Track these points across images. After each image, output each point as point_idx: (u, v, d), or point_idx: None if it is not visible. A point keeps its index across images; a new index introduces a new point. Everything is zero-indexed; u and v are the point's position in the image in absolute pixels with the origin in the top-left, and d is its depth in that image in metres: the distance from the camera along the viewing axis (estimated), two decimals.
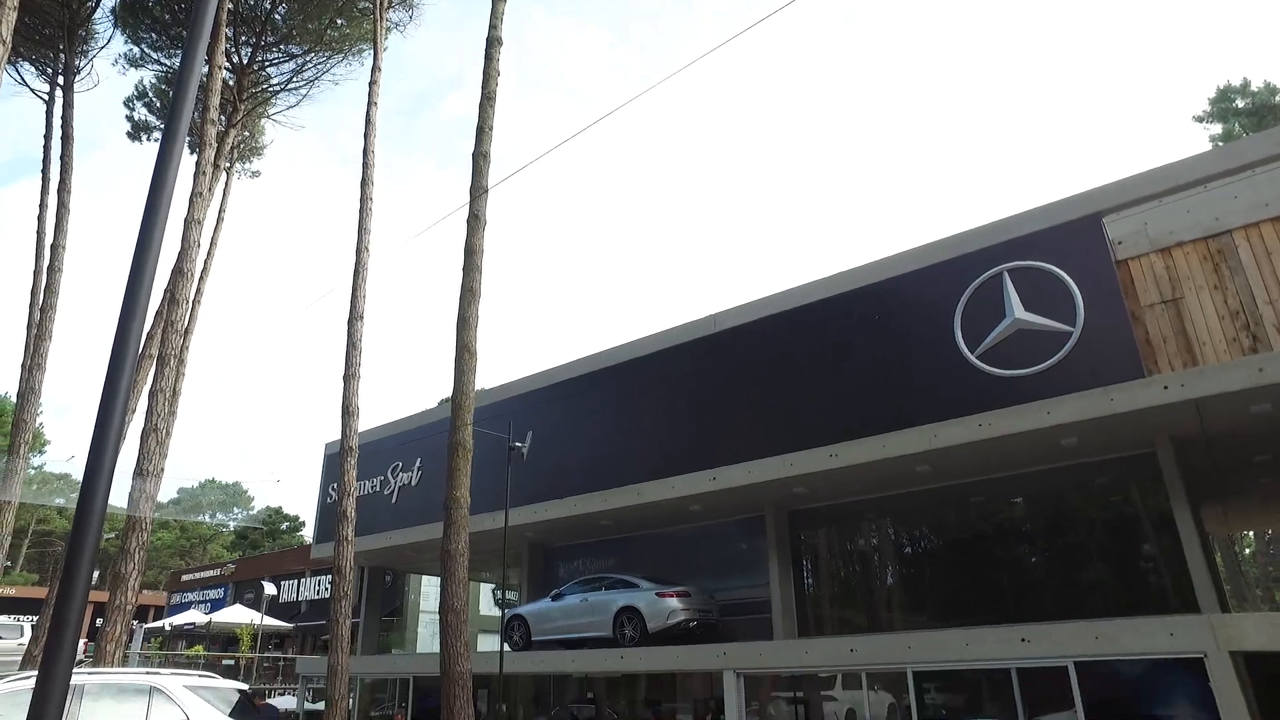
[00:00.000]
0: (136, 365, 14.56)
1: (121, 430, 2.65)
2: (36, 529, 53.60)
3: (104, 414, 2.88)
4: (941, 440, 11.21)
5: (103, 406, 2.86)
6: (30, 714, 2.35)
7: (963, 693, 11.69)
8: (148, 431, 12.58)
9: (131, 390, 15.76)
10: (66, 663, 2.43)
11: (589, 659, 14.53)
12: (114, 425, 2.82)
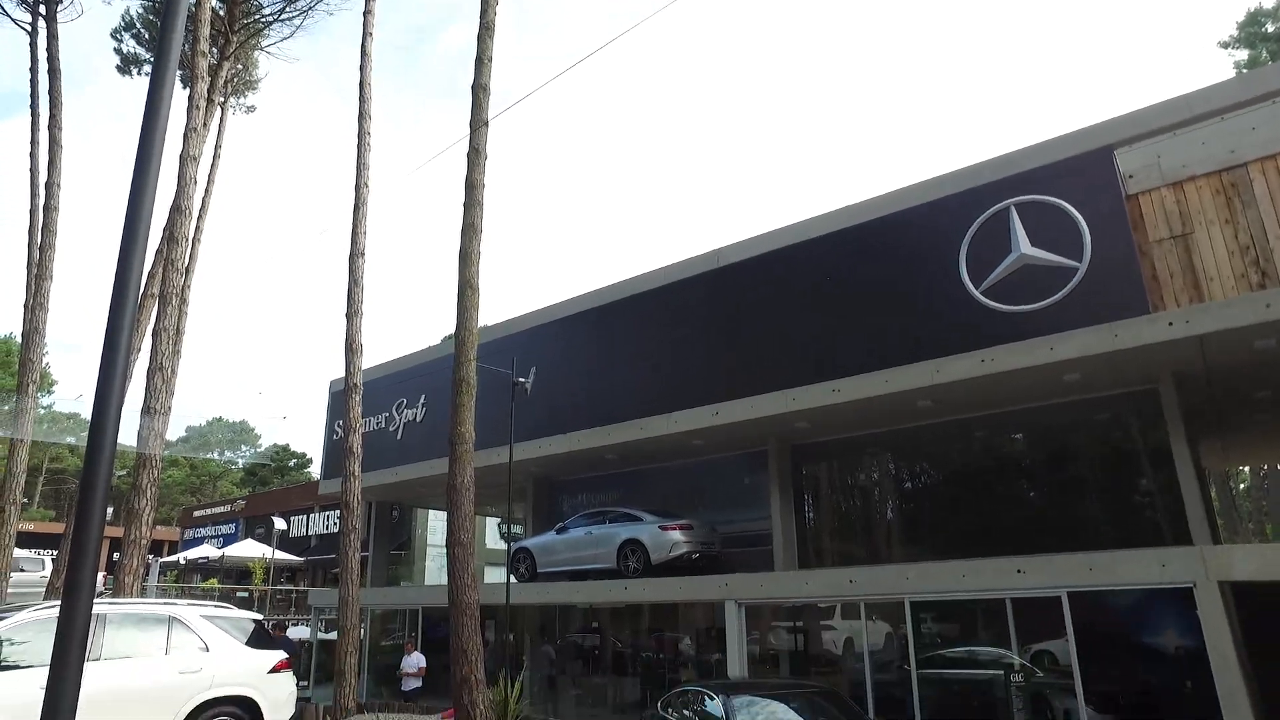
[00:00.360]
0: (139, 305, 14.55)
1: (127, 369, 2.65)
2: (50, 467, 54.44)
3: (108, 353, 2.89)
4: (944, 375, 11.24)
5: (107, 345, 2.86)
6: (57, 640, 2.41)
7: (958, 622, 12.01)
8: (153, 370, 12.65)
9: (135, 330, 15.78)
10: (88, 593, 2.49)
11: (593, 590, 14.89)
12: (118, 364, 2.82)
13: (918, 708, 10.88)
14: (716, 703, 8.08)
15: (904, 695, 11.23)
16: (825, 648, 14.03)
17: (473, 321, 11.31)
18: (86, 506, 2.48)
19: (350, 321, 13.99)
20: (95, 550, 2.50)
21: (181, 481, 58.98)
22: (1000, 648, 10.92)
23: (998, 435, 13.88)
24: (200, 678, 8.39)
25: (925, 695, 11.02)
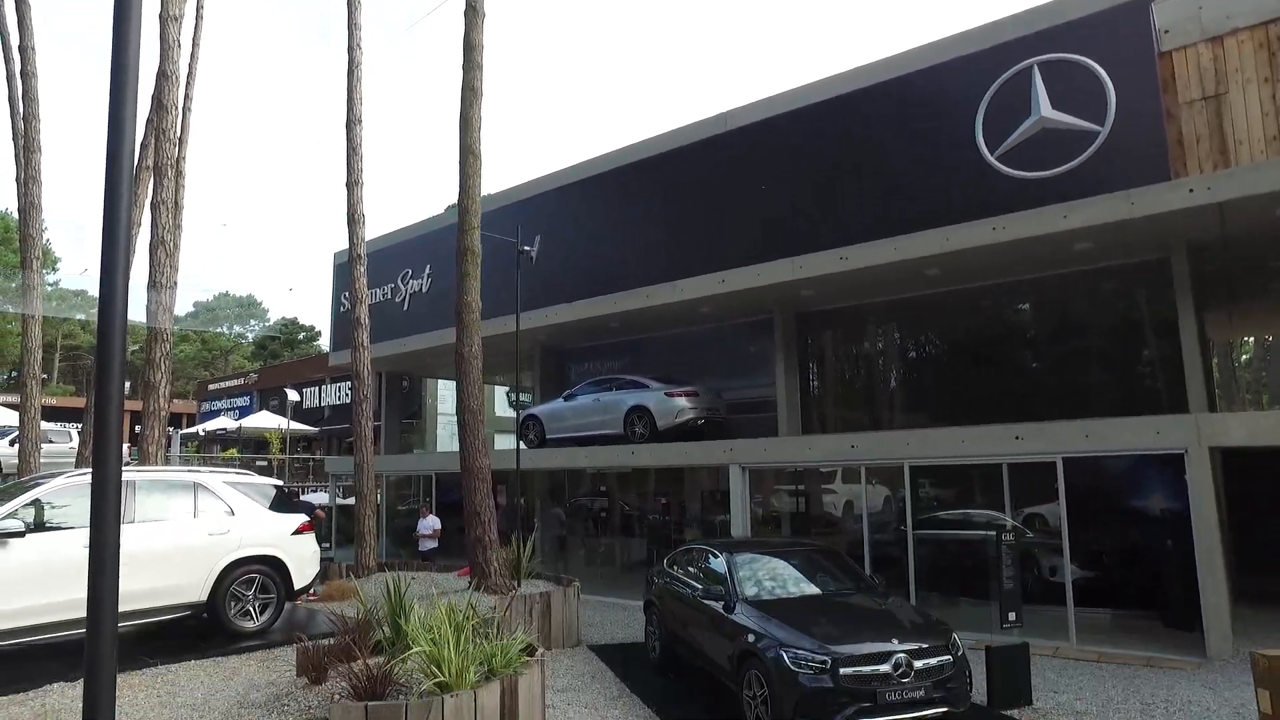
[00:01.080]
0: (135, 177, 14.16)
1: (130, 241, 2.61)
2: (64, 343, 55.12)
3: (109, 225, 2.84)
4: (954, 243, 11.10)
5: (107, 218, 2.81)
6: (93, 504, 2.50)
7: (955, 486, 12.43)
8: (155, 244, 12.51)
9: (134, 202, 15.51)
10: (115, 460, 2.55)
11: (601, 455, 15.34)
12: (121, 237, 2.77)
13: (912, 566, 11.44)
14: (720, 559, 8.47)
15: (900, 555, 11.79)
16: (826, 510, 14.61)
17: (475, 189, 11.08)
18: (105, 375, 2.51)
19: (351, 191, 13.70)
20: (118, 419, 2.55)
21: (194, 356, 59.80)
22: (994, 511, 11.37)
23: (1004, 305, 13.87)
24: (228, 539, 8.79)
25: (920, 555, 11.56)
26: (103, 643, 2.34)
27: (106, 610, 2.38)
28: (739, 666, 7.17)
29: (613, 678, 8.91)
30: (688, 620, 8.64)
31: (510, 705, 5.99)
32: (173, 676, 7.48)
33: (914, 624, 7.32)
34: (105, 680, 2.35)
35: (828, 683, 6.40)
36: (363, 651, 6.46)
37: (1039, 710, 7.66)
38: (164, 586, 8.25)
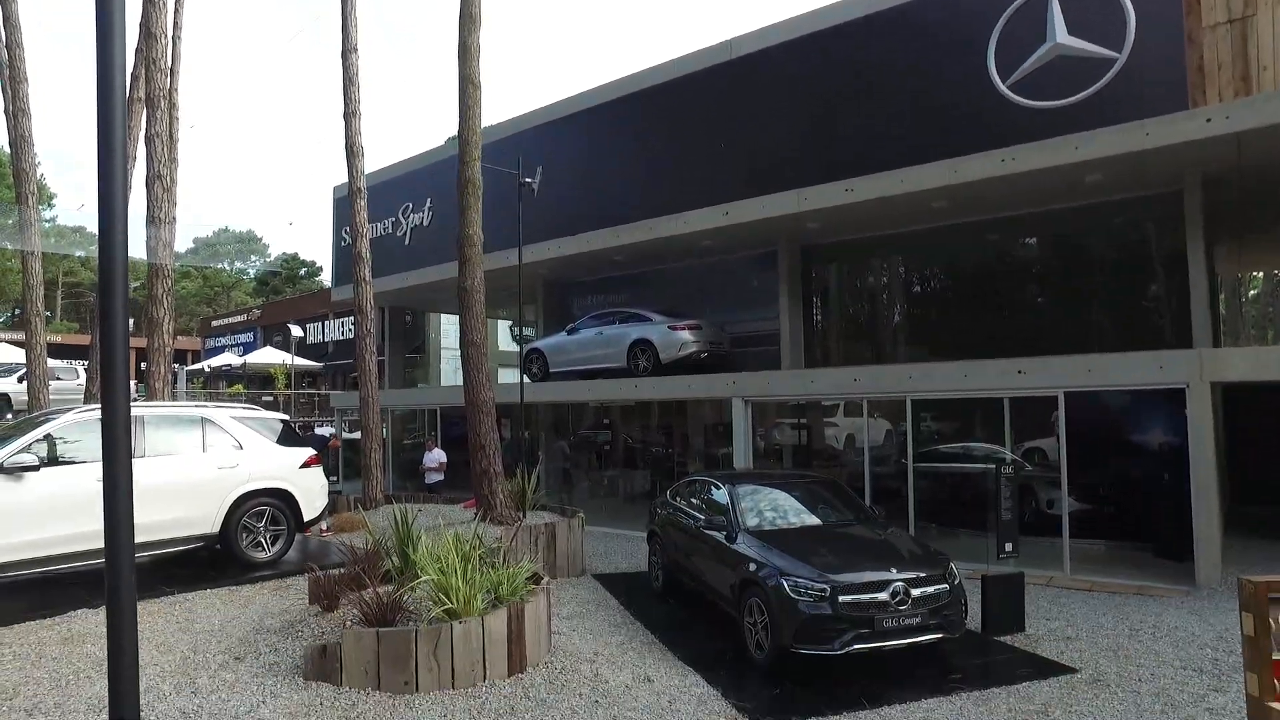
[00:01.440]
0: (127, 109, 13.89)
1: (126, 176, 2.56)
2: (65, 280, 54.95)
3: (104, 159, 2.78)
4: (962, 175, 10.92)
5: (101, 151, 2.75)
6: (104, 437, 2.52)
7: (957, 420, 12.51)
8: (151, 179, 12.36)
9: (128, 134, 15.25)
10: (123, 395, 2.55)
11: (605, 389, 15.43)
12: (117, 171, 2.72)
13: (912, 499, 11.60)
14: (722, 491, 8.60)
15: (900, 487, 11.94)
16: (827, 443, 14.76)
17: (475, 120, 10.86)
18: (109, 310, 2.49)
19: (349, 123, 13.46)
20: (124, 354, 2.55)
21: (196, 293, 59.67)
22: (995, 445, 11.47)
23: (1010, 238, 13.73)
24: (238, 473, 8.93)
25: (920, 487, 11.71)
26: (121, 572, 2.40)
27: (123, 541, 2.43)
28: (740, 595, 7.34)
29: (617, 605, 9.14)
30: (690, 550, 8.82)
31: (517, 631, 6.16)
32: (190, 604, 7.70)
33: (912, 554, 7.46)
34: (126, 608, 2.42)
35: (827, 610, 6.56)
36: (372, 580, 6.62)
37: (1030, 636, 7.87)
38: (176, 519, 8.42)
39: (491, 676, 6.00)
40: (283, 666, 5.98)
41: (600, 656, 6.95)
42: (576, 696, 5.91)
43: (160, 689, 5.58)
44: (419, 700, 5.53)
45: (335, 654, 5.68)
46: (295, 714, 5.19)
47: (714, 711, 5.90)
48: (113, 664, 2.44)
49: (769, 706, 6.08)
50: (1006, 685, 6.49)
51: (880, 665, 6.89)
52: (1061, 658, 7.19)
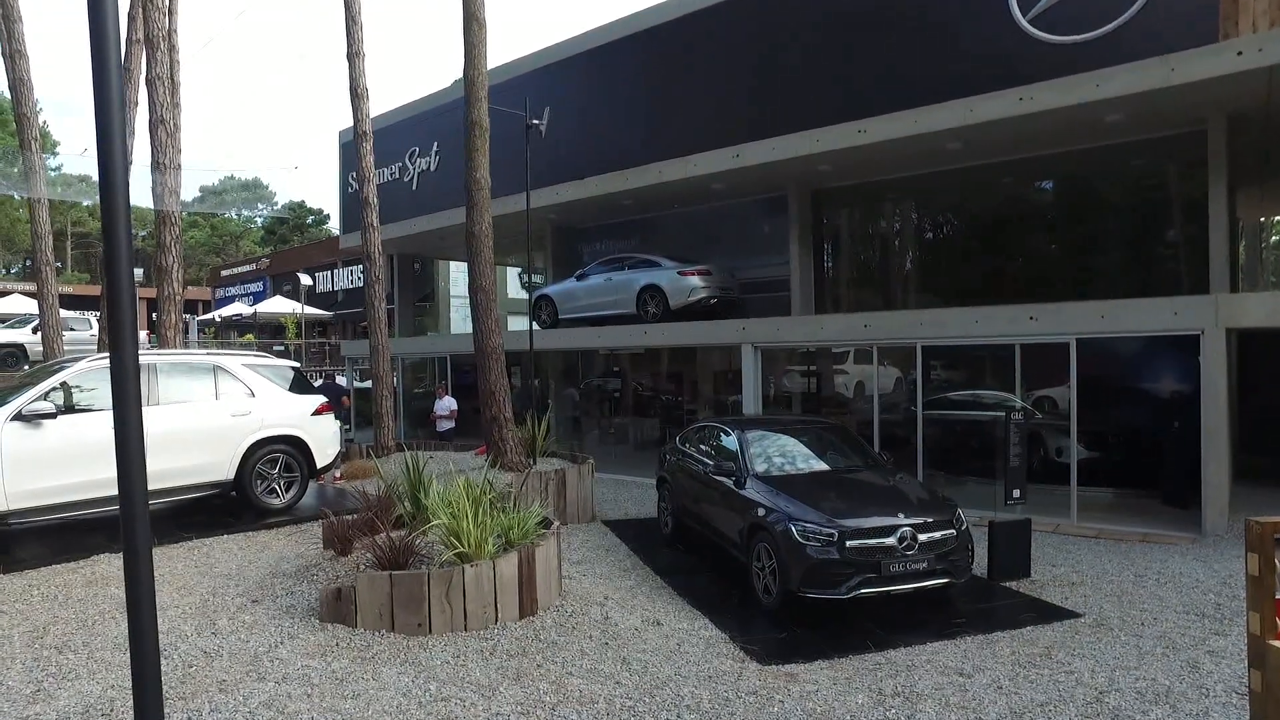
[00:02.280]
0: (126, 52, 13.56)
1: (125, 119, 2.51)
2: (74, 231, 54.86)
3: (101, 100, 2.72)
4: (978, 115, 10.65)
5: (97, 93, 2.69)
6: (113, 386, 2.52)
7: (967, 368, 12.44)
8: (154, 123, 12.20)
9: (127, 77, 14.95)
10: (131, 342, 2.54)
11: (614, 335, 15.40)
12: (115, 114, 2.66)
13: (921, 446, 11.62)
14: (731, 436, 8.63)
15: (909, 435, 11.95)
16: (837, 390, 14.74)
17: (481, 60, 10.64)
18: (113, 258, 2.46)
19: (352, 64, 13.20)
20: (131, 301, 2.53)
21: (204, 243, 59.54)
22: (1004, 393, 11.43)
23: (1025, 182, 13.47)
24: (250, 420, 9.00)
25: (929, 434, 11.72)
26: (136, 519, 2.43)
27: (137, 488, 2.45)
28: (748, 540, 7.42)
29: (626, 551, 9.27)
30: (699, 496, 8.90)
31: (528, 574, 6.26)
32: (208, 549, 7.85)
33: (919, 499, 7.50)
34: (142, 552, 2.46)
35: (834, 554, 6.63)
36: (385, 525, 6.71)
37: (1036, 582, 7.95)
38: (191, 465, 8.53)
39: (503, 619, 6.12)
40: (299, 609, 6.11)
41: (610, 600, 7.06)
42: (586, 639, 6.02)
43: (182, 630, 5.72)
44: (432, 641, 5.65)
45: (350, 597, 5.79)
46: (312, 654, 5.31)
47: (722, 654, 6.01)
48: (131, 609, 2.49)
49: (776, 649, 6.18)
50: (1010, 629, 6.59)
51: (887, 609, 6.99)
52: (1066, 603, 7.27)
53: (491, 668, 5.35)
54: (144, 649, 2.52)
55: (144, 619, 2.53)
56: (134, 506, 2.47)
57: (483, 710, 4.71)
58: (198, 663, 5.19)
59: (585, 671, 5.40)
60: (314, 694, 4.77)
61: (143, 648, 2.51)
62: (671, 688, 5.22)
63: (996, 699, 5.20)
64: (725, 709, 4.94)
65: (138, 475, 2.49)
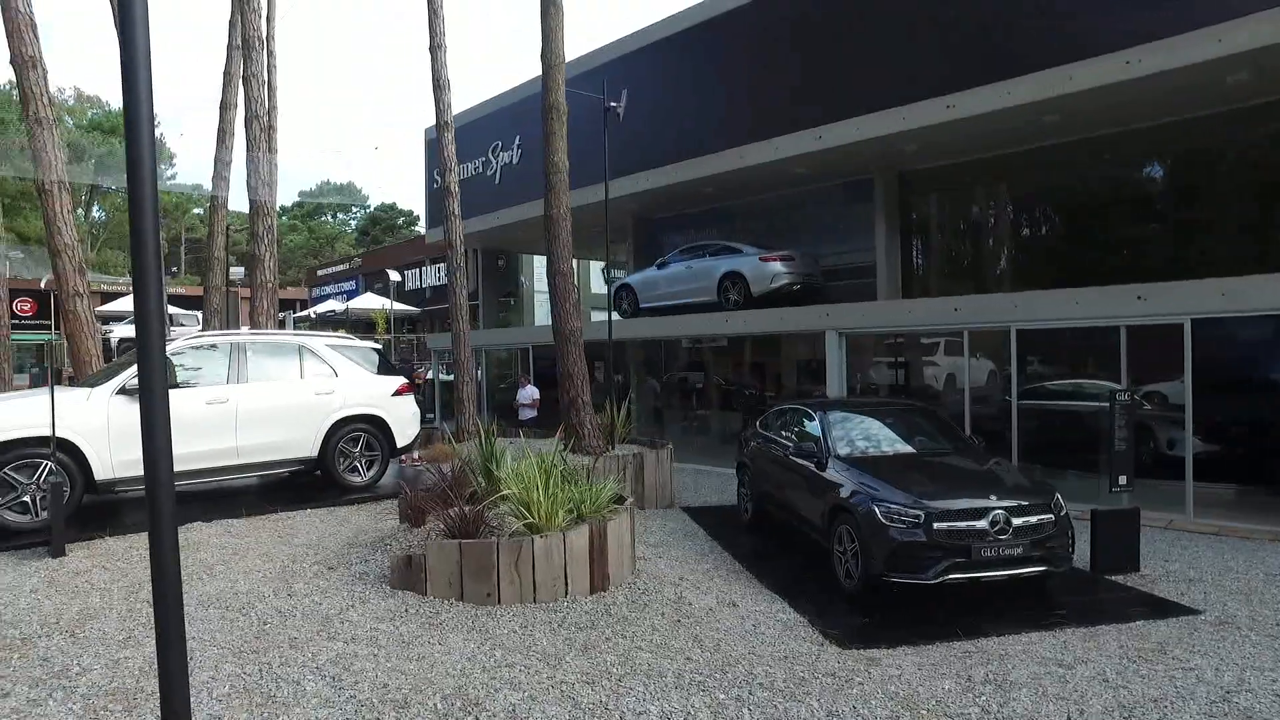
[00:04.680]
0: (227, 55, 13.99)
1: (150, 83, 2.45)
2: (188, 237, 58.28)
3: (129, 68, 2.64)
4: (1079, 83, 9.93)
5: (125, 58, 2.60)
6: (140, 371, 2.47)
7: (1066, 355, 11.63)
8: (249, 119, 12.75)
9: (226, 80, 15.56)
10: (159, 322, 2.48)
11: (694, 323, 15.19)
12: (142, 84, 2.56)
13: (1015, 438, 10.96)
14: (813, 417, 8.30)
15: (1002, 428, 11.28)
16: (926, 382, 14.11)
17: (559, 44, 10.63)
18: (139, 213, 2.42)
19: (434, 56, 13.42)
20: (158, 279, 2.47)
21: (303, 245, 62.26)
22: (1109, 382, 10.64)
23: (1130, 157, 12.55)
24: (333, 399, 9.21)
25: (1024, 427, 11.03)
26: (161, 497, 2.39)
27: (162, 466, 2.41)
28: (830, 522, 7.09)
29: (704, 536, 9.05)
30: (780, 480, 8.60)
31: (599, 548, 6.13)
32: (292, 521, 8.06)
33: (1015, 483, 7.02)
34: (166, 532, 2.42)
35: (920, 537, 6.25)
36: (458, 498, 6.70)
37: (1146, 577, 7.34)
38: (278, 441, 8.78)
39: (573, 593, 6.01)
40: (371, 576, 6.16)
41: (685, 581, 6.88)
42: (659, 616, 5.85)
43: (261, 591, 5.84)
44: (500, 611, 5.58)
45: (420, 564, 5.79)
46: (381, 618, 5.32)
47: (799, 636, 5.73)
48: (156, 587, 2.44)
49: (857, 633, 5.86)
50: (1117, 623, 6.06)
51: (977, 597, 6.56)
52: (1182, 599, 6.66)
53: (559, 639, 5.24)
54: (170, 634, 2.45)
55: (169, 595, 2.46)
56: (159, 487, 2.42)
57: (547, 678, 4.60)
58: (272, 621, 5.27)
59: (655, 646, 5.23)
60: (380, 654, 4.76)
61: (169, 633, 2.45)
62: (744, 665, 4.99)
63: (1102, 692, 4.76)
64: (800, 688, 4.68)
65: (163, 455, 2.44)
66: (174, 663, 2.45)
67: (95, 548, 7.10)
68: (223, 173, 15.51)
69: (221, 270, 15.42)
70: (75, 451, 7.48)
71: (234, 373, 8.64)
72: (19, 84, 10.43)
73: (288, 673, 4.50)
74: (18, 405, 7.63)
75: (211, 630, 5.14)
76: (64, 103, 42.57)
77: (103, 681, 4.42)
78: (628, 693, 4.47)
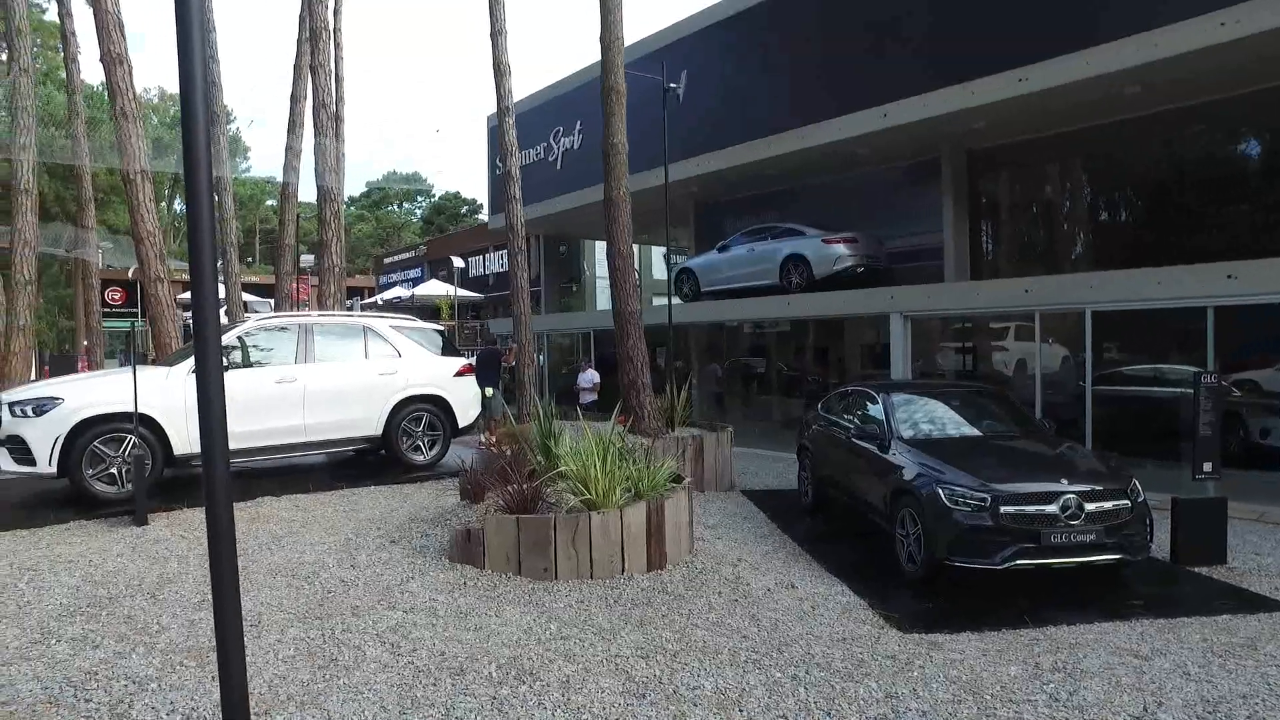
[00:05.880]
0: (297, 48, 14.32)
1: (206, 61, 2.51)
2: (262, 228, 60.34)
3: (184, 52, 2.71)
4: (1165, 48, 9.37)
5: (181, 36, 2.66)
6: (195, 341, 2.53)
7: (1146, 338, 11.08)
8: (317, 107, 13.07)
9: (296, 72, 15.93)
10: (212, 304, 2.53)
11: (756, 307, 15.02)
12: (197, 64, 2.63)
13: (1090, 426, 10.51)
14: (876, 399, 8.11)
15: (1075, 415, 10.82)
16: (995, 369, 13.66)
17: (617, 25, 10.59)
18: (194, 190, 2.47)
19: (495, 41, 13.52)
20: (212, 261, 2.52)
21: (370, 235, 63.80)
22: (1194, 367, 10.10)
23: (1222, 128, 11.86)
24: (396, 379, 9.41)
25: (1099, 414, 10.57)
26: (217, 474, 2.45)
27: (217, 445, 2.47)
28: (892, 505, 6.92)
29: (764, 519, 8.96)
30: (841, 462, 8.44)
31: (656, 526, 6.11)
32: (356, 497, 8.27)
33: (1088, 468, 6.73)
34: (223, 510, 2.48)
35: (986, 521, 6.04)
36: (517, 475, 6.76)
37: (1234, 570, 6.95)
38: (343, 420, 9.01)
39: (630, 570, 6.01)
40: (431, 550, 6.28)
41: (743, 562, 6.82)
42: (715, 595, 5.81)
43: (325, 562, 6.01)
44: (557, 586, 5.62)
45: (479, 538, 5.86)
46: (440, 589, 5.41)
47: (859, 619, 5.62)
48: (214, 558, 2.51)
49: (919, 617, 5.71)
50: (1200, 615, 5.76)
51: (1046, 585, 6.32)
52: (1277, 594, 6.30)
53: (615, 614, 5.25)
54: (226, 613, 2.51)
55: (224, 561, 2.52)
56: (214, 467, 2.48)
57: (601, 651, 4.61)
58: (335, 589, 5.42)
59: (711, 624, 5.19)
60: (438, 624, 4.84)
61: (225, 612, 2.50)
62: (801, 645, 4.92)
63: (1182, 685, 4.53)
64: (859, 669, 4.58)
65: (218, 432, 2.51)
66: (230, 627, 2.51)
67: (174, 518, 7.42)
68: (293, 162, 15.97)
69: (291, 257, 15.89)
70: (155, 427, 7.81)
71: (302, 353, 8.90)
72: (107, 79, 10.92)
73: (349, 638, 4.62)
74: (104, 383, 8.01)
75: (279, 597, 5.31)
76: (149, 101, 44.43)
77: (179, 639, 4.64)
78: (682, 668, 4.45)
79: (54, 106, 27.89)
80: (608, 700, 4.01)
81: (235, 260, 17.60)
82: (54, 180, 27.57)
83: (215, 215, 2.82)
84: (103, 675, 4.17)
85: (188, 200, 2.49)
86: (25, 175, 13.81)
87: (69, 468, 7.54)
